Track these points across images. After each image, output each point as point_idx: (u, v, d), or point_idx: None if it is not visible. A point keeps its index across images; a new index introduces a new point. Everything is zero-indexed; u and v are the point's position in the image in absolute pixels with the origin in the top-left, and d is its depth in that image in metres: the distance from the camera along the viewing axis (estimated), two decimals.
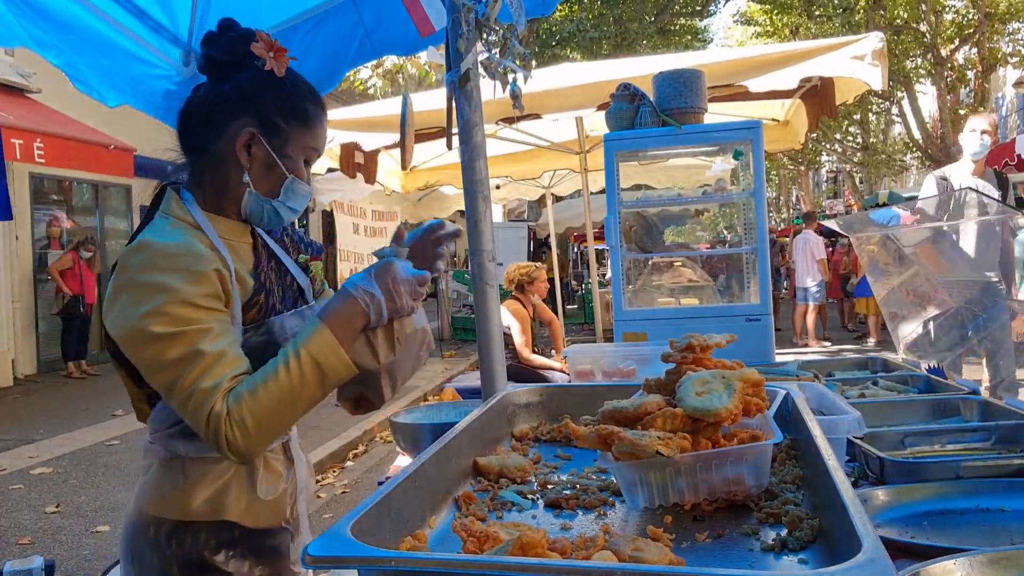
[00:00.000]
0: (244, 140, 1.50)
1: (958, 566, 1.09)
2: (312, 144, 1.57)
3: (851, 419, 1.49)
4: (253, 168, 1.52)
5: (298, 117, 1.53)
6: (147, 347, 1.34)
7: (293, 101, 1.54)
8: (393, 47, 2.73)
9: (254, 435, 1.33)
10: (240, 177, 1.52)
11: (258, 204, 1.54)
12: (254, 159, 1.52)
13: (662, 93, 3.83)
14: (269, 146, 1.51)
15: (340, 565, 0.79)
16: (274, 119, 1.51)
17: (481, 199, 1.63)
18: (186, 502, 1.46)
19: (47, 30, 2.50)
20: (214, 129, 1.53)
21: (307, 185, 1.58)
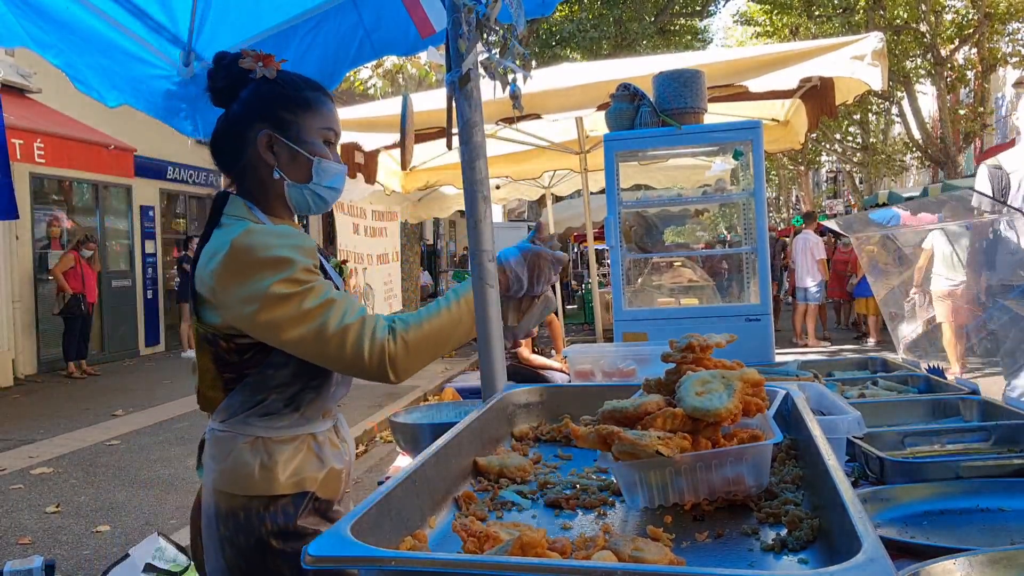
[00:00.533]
0: (264, 142, 1.67)
1: (958, 566, 1.09)
2: (323, 125, 1.72)
3: (851, 419, 1.49)
4: (280, 163, 1.68)
5: (301, 105, 1.69)
6: (284, 306, 1.50)
7: (292, 94, 1.70)
8: (393, 47, 2.73)
9: (413, 357, 1.56)
10: (272, 175, 1.68)
11: (299, 192, 1.71)
12: (278, 155, 1.68)
13: (662, 93, 3.83)
14: (286, 139, 1.67)
15: (340, 565, 0.79)
16: (281, 115, 1.68)
17: (481, 199, 1.63)
18: (273, 478, 1.60)
19: (47, 30, 2.50)
20: (239, 144, 1.70)
21: (335, 162, 1.74)
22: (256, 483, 1.60)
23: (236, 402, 1.63)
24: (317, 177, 1.70)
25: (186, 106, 2.94)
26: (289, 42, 2.77)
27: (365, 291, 8.58)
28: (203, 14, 2.72)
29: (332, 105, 1.76)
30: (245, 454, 1.62)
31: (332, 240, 11.18)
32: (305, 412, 1.65)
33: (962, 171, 19.37)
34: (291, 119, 1.68)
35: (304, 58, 2.77)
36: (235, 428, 1.64)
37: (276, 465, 1.60)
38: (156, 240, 14.48)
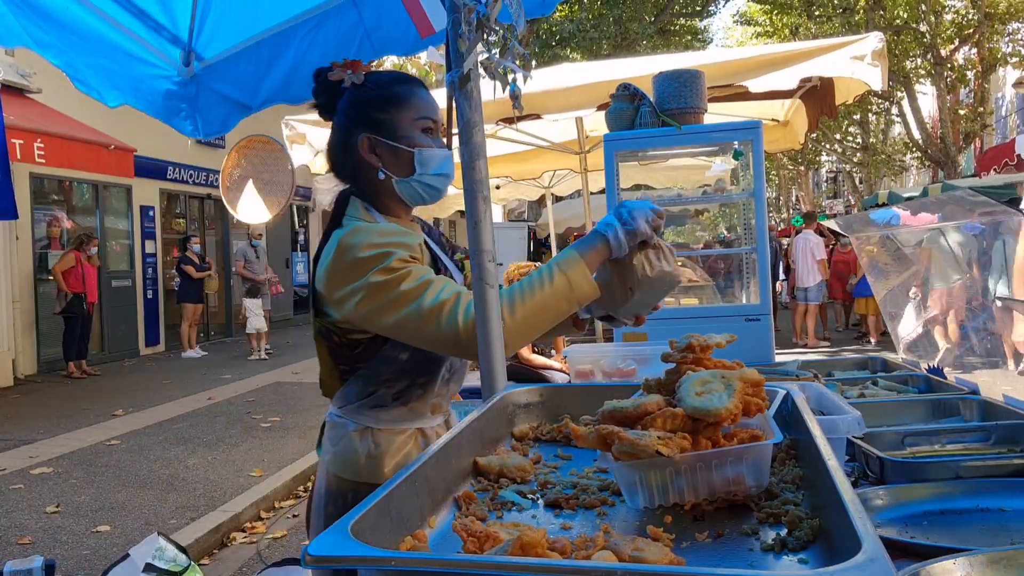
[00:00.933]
0: (365, 146, 1.74)
1: (958, 566, 1.09)
2: (416, 115, 1.75)
3: (851, 419, 1.49)
4: (384, 162, 1.74)
5: (391, 102, 1.74)
6: (383, 292, 1.57)
7: (380, 93, 1.75)
8: (393, 47, 2.73)
9: (513, 330, 1.56)
10: (378, 176, 1.74)
11: (407, 186, 1.75)
12: (381, 155, 1.74)
13: (662, 93, 3.83)
14: (384, 138, 1.73)
15: (340, 565, 0.79)
16: (375, 116, 1.74)
17: (481, 199, 1.63)
18: (378, 467, 1.69)
19: (47, 30, 2.50)
20: (346, 152, 1.77)
21: (437, 148, 1.77)
22: (363, 470, 1.70)
23: (350, 392, 1.74)
24: (420, 168, 1.74)
25: (186, 106, 2.95)
26: (289, 42, 2.77)
27: None
28: (203, 14, 2.72)
29: (425, 93, 1.79)
30: (355, 442, 1.72)
31: None
32: (413, 407, 1.74)
33: (962, 171, 19.38)
34: (385, 118, 1.73)
35: (304, 58, 2.77)
36: (348, 416, 1.75)
37: (383, 455, 1.70)
38: (156, 240, 14.47)
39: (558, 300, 1.57)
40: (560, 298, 1.56)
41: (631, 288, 1.63)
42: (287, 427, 8.11)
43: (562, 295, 1.56)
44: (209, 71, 2.90)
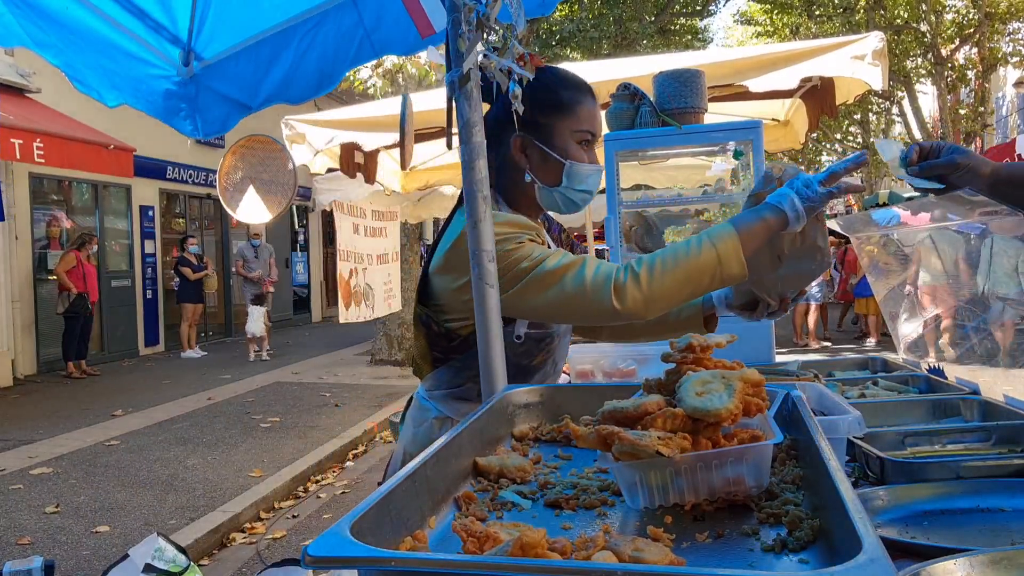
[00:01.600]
0: (517, 145, 1.71)
1: (959, 566, 1.09)
2: (578, 127, 1.71)
3: (851, 419, 1.49)
4: (532, 166, 1.72)
5: (555, 108, 1.71)
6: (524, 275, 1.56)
7: (547, 95, 1.70)
8: (393, 47, 2.73)
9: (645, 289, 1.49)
10: (523, 178, 1.72)
11: (548, 194, 1.73)
12: (530, 158, 1.72)
13: (662, 93, 3.83)
14: (538, 142, 1.70)
15: (340, 565, 0.79)
16: (535, 118, 1.69)
17: (481, 199, 1.62)
18: None
19: (47, 30, 2.50)
20: (495, 144, 1.73)
21: (588, 164, 1.72)
22: None
23: (441, 378, 1.77)
24: (568, 181, 1.71)
25: (186, 106, 2.94)
26: (289, 42, 2.76)
27: (365, 291, 8.58)
28: (203, 14, 2.72)
29: (592, 104, 1.74)
30: (435, 430, 1.74)
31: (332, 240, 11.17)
32: None
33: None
34: (544, 122, 1.70)
35: (304, 58, 2.76)
36: (434, 401, 1.78)
37: None
38: (156, 240, 14.47)
39: (700, 274, 1.49)
40: (703, 273, 1.49)
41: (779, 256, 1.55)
42: (287, 427, 8.11)
43: (706, 270, 1.49)
44: (209, 71, 2.89)
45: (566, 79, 1.75)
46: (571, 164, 1.70)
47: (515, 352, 1.69)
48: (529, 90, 1.67)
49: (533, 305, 1.58)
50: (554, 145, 1.70)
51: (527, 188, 1.74)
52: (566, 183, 1.71)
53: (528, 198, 1.76)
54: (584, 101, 1.73)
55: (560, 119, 1.70)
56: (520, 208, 1.77)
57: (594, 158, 1.76)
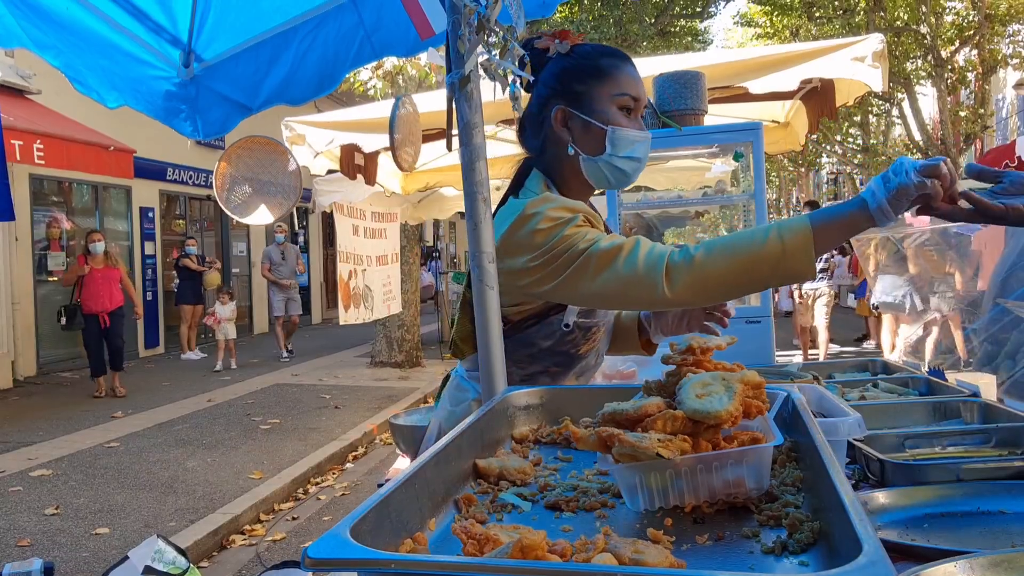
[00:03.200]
0: (559, 117, 1.68)
1: (959, 569, 1.08)
2: (617, 90, 1.67)
3: (851, 421, 1.49)
4: (575, 137, 1.68)
5: (591, 74, 1.66)
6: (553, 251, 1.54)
7: (582, 63, 1.67)
8: (393, 48, 2.73)
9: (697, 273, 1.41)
10: (567, 150, 1.68)
11: (593, 165, 1.68)
12: (572, 129, 1.68)
13: (662, 94, 3.83)
14: (578, 111, 1.66)
15: (340, 567, 0.79)
16: (573, 87, 1.67)
17: (481, 201, 1.62)
18: None
19: (47, 31, 2.50)
20: (539, 123, 1.74)
21: (633, 130, 1.67)
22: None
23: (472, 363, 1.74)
24: (611, 147, 1.65)
25: (186, 107, 2.94)
26: (289, 43, 2.77)
27: (364, 292, 8.58)
28: (203, 15, 2.72)
29: (633, 70, 1.70)
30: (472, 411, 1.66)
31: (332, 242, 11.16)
32: None
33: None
34: (582, 90, 1.66)
35: (304, 59, 2.77)
36: (473, 382, 1.77)
37: None
38: (156, 241, 14.47)
39: (760, 265, 1.38)
40: (764, 263, 1.37)
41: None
42: (287, 429, 8.10)
43: (767, 261, 1.37)
44: (209, 72, 2.89)
45: (604, 48, 1.72)
46: (613, 129, 1.65)
47: (563, 341, 1.69)
48: (567, 62, 1.68)
49: (586, 290, 1.52)
50: (594, 112, 1.66)
51: (574, 163, 1.70)
52: (610, 150, 1.66)
53: (576, 175, 1.72)
54: (623, 67, 1.69)
55: (599, 84, 1.66)
56: (571, 190, 1.74)
57: (640, 124, 1.71)
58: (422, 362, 12.37)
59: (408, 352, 12.20)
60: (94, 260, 9.91)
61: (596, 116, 1.66)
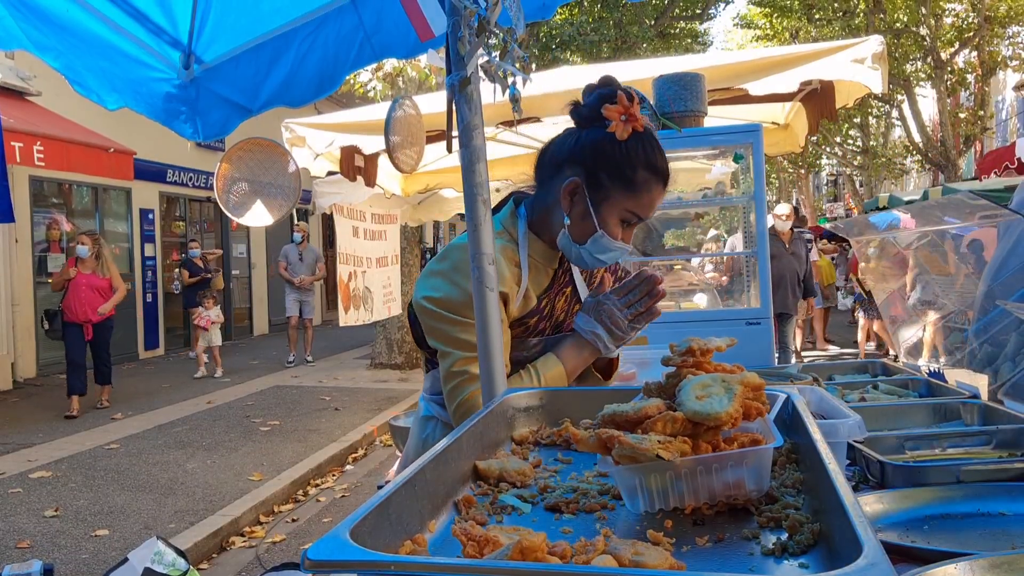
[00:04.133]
0: (570, 187, 1.69)
1: (959, 570, 1.08)
2: (632, 208, 1.69)
3: (852, 423, 1.49)
4: (572, 213, 1.70)
5: (623, 180, 1.66)
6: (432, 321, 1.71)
7: (623, 165, 1.65)
8: (393, 50, 2.73)
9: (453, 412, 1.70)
10: (561, 218, 1.72)
11: (568, 244, 1.73)
12: (574, 206, 1.70)
13: (662, 96, 3.83)
14: (589, 198, 1.68)
15: (339, 569, 0.79)
16: (600, 176, 1.67)
17: (481, 202, 1.62)
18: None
19: (46, 33, 2.50)
20: (555, 169, 1.74)
21: (617, 242, 1.71)
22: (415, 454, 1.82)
23: (430, 380, 1.89)
24: (591, 245, 1.70)
25: (186, 109, 2.94)
26: (289, 45, 2.77)
27: (364, 294, 8.58)
28: (203, 17, 2.72)
29: (660, 192, 1.71)
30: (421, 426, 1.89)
31: (332, 243, 11.14)
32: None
33: (962, 174, 19.37)
34: (605, 185, 1.67)
35: (304, 61, 2.77)
36: (427, 401, 1.90)
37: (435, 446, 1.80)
38: (156, 243, 14.47)
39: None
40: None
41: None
42: (286, 431, 8.10)
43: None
44: (209, 74, 2.90)
45: (652, 161, 1.67)
46: (602, 235, 1.69)
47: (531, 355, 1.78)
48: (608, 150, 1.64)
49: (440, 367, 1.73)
50: (600, 210, 1.68)
51: (557, 225, 1.74)
52: (589, 246, 1.70)
53: (552, 231, 1.76)
54: (654, 189, 1.69)
55: (621, 192, 1.67)
56: (543, 232, 1.79)
57: (628, 237, 1.75)
58: (422, 364, 12.35)
59: (408, 354, 12.20)
60: (82, 265, 9.16)
61: (598, 214, 1.68)
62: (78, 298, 9.03)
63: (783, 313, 8.65)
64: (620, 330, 1.70)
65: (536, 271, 1.77)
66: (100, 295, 9.21)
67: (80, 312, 9.04)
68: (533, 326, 1.78)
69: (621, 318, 1.70)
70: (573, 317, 1.83)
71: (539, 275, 1.78)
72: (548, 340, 1.83)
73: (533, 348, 1.81)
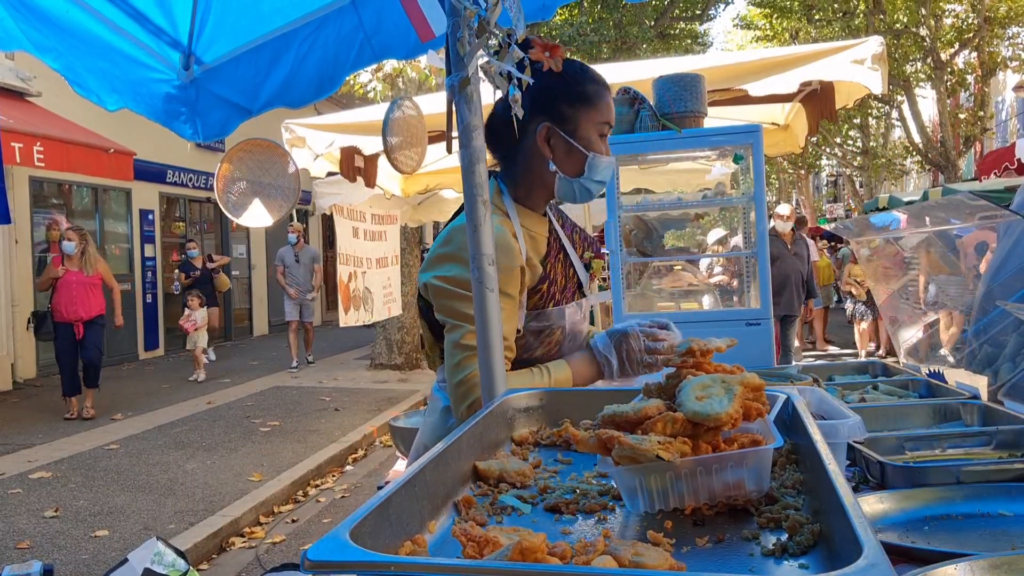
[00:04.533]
0: (543, 135, 1.75)
1: (959, 571, 1.08)
2: (601, 119, 1.78)
3: (852, 423, 1.49)
4: (556, 156, 1.76)
5: (582, 100, 1.75)
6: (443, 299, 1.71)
7: (574, 88, 1.75)
8: (393, 51, 2.73)
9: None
10: (547, 167, 1.76)
11: (568, 185, 1.78)
12: (555, 148, 1.76)
13: (662, 97, 3.83)
14: (564, 133, 1.75)
15: (339, 570, 0.79)
16: (562, 109, 1.75)
17: (481, 203, 1.62)
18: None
19: (46, 34, 2.50)
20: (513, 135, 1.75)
21: (606, 157, 1.79)
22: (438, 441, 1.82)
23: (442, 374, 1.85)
24: (589, 172, 1.76)
25: (186, 110, 2.95)
26: (289, 45, 2.77)
27: (364, 295, 8.58)
28: (203, 18, 2.72)
29: (609, 97, 1.81)
30: (440, 417, 1.85)
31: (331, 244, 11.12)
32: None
33: (962, 175, 19.38)
34: (571, 113, 1.74)
35: (304, 61, 2.77)
36: (442, 391, 1.86)
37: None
38: (156, 244, 14.47)
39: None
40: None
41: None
42: (286, 431, 8.10)
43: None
44: (209, 75, 2.90)
45: (588, 73, 1.80)
46: (593, 156, 1.75)
47: (517, 346, 1.76)
48: (556, 81, 1.70)
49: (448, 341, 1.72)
50: (579, 136, 1.75)
51: (546, 177, 1.79)
52: (587, 174, 1.76)
53: (542, 188, 1.81)
54: (605, 94, 1.79)
55: (585, 110, 1.74)
56: (529, 199, 1.83)
57: (609, 149, 1.82)
58: (422, 364, 12.36)
59: (408, 354, 12.20)
60: (69, 261, 8.72)
61: (581, 141, 1.75)
62: (69, 296, 8.64)
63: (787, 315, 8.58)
64: (631, 368, 1.77)
65: (532, 240, 1.81)
66: (91, 292, 8.81)
67: (70, 311, 8.65)
68: (547, 292, 1.80)
69: (637, 359, 1.77)
70: (574, 282, 1.89)
71: (536, 243, 1.82)
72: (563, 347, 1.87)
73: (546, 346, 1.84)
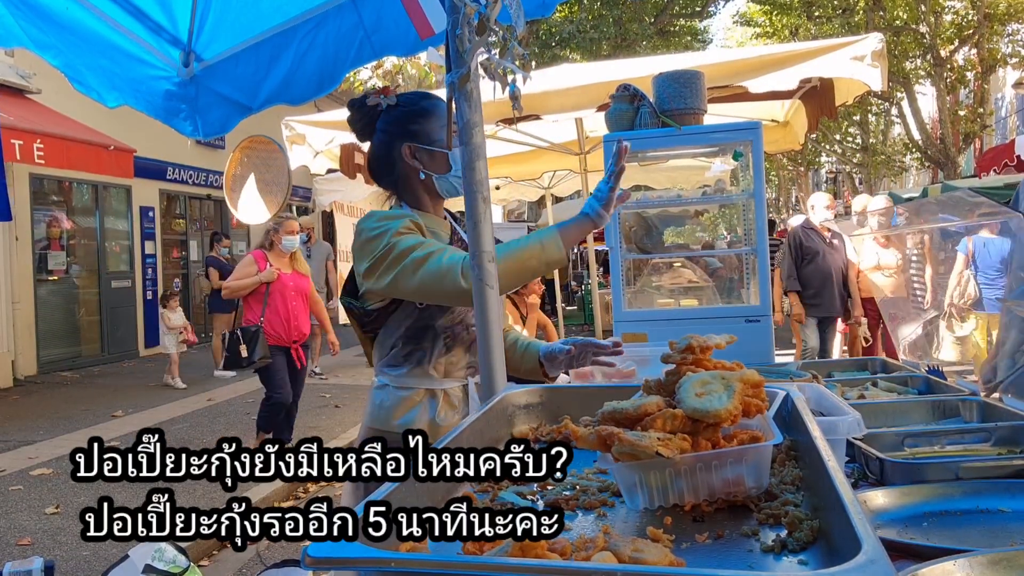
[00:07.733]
0: (408, 153, 2.05)
1: (958, 567, 1.09)
2: (442, 122, 2.04)
3: (851, 420, 1.49)
4: (425, 164, 2.05)
5: (422, 115, 2.06)
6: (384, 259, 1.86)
7: (412, 109, 2.07)
8: (393, 48, 2.73)
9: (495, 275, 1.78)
10: (421, 179, 2.05)
11: (445, 181, 2.06)
12: (421, 159, 2.05)
13: (662, 94, 3.83)
14: (422, 144, 2.05)
15: (340, 566, 0.79)
16: (411, 128, 2.05)
17: (481, 200, 1.63)
18: (387, 417, 2.05)
19: (46, 31, 2.50)
20: (389, 163, 2.10)
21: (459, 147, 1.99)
22: (375, 418, 2.07)
23: (376, 353, 2.12)
24: (455, 166, 2.01)
25: (186, 107, 2.95)
26: (289, 43, 2.77)
27: None
28: (203, 15, 2.72)
29: (441, 102, 2.06)
30: (377, 395, 2.09)
31: (333, 240, 11.10)
32: (421, 369, 2.03)
33: (961, 172, 19.37)
34: (419, 127, 2.04)
35: (304, 59, 2.77)
36: (378, 375, 2.10)
37: (392, 408, 2.04)
38: (156, 241, 14.45)
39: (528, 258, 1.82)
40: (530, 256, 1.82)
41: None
42: None
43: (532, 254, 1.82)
44: (209, 72, 2.90)
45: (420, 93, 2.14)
46: (452, 151, 2.00)
47: (421, 315, 1.98)
48: (397, 111, 2.05)
49: (411, 285, 1.84)
50: (433, 140, 2.04)
51: (426, 184, 2.06)
52: (454, 170, 2.02)
53: (430, 193, 2.08)
54: (439, 103, 2.07)
55: (429, 120, 2.04)
56: (423, 205, 2.09)
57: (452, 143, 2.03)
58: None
59: None
60: (280, 261, 6.17)
61: (436, 144, 2.04)
62: (286, 310, 6.12)
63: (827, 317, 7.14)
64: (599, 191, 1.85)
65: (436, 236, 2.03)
66: (304, 303, 6.34)
67: (289, 330, 6.14)
68: None
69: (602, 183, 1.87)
70: None
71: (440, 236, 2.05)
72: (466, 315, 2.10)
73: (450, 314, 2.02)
